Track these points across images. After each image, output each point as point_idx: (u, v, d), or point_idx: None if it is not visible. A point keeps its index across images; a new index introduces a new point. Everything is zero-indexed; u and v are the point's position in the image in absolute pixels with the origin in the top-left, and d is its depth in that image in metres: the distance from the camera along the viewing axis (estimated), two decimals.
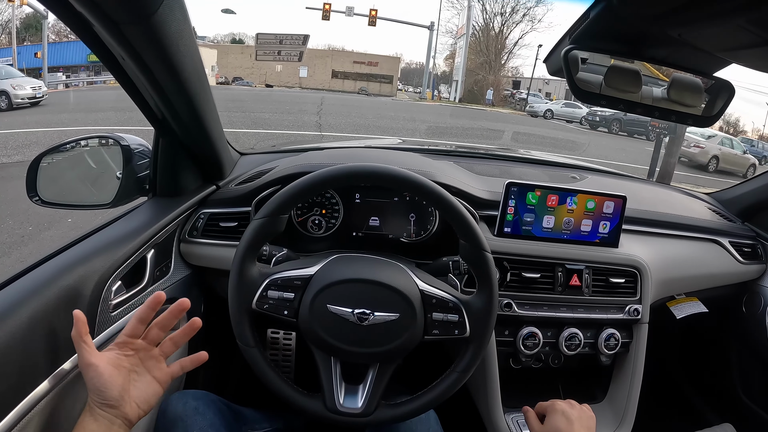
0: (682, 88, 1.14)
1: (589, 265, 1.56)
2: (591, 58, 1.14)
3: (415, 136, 13.04)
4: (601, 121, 20.44)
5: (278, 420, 1.39)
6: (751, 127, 39.30)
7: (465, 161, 1.94)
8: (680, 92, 1.15)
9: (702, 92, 1.15)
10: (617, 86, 1.14)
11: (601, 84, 1.14)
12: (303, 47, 15.97)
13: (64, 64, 20.42)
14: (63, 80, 19.12)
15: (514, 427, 1.50)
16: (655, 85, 1.18)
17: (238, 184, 1.58)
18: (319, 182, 1.10)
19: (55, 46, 20.17)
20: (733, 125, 38.80)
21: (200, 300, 1.60)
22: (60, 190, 1.45)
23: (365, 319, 1.07)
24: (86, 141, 1.47)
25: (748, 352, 2.14)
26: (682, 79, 1.13)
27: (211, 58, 27.90)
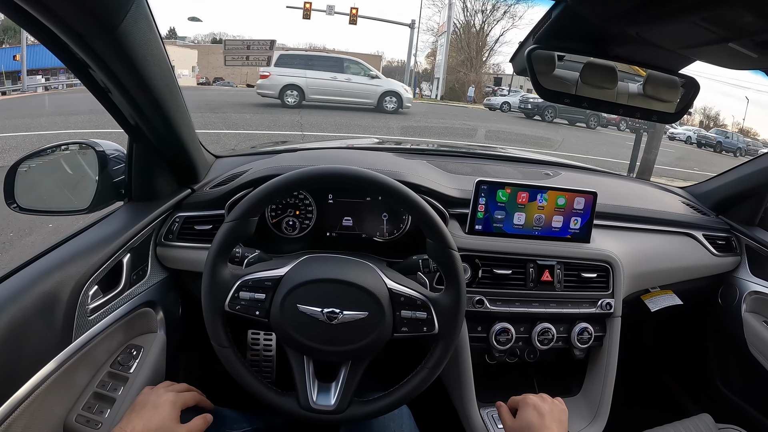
0: (658, 84, 1.18)
1: (560, 260, 1.60)
2: (568, 55, 1.17)
3: (395, 134, 13.08)
4: (534, 109, 20.35)
5: (258, 420, 1.41)
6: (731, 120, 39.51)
7: (438, 160, 1.97)
8: (656, 88, 1.18)
9: (678, 87, 1.18)
10: (593, 83, 1.17)
11: (577, 81, 1.18)
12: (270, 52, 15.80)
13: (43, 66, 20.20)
14: (42, 83, 18.95)
15: (489, 422, 1.53)
16: (631, 81, 1.22)
17: (212, 187, 1.60)
18: (287, 185, 1.13)
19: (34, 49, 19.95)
20: (713, 119, 39.03)
21: (178, 302, 1.62)
22: (38, 196, 1.47)
23: (334, 318, 1.10)
24: (63, 147, 1.48)
25: (725, 343, 2.19)
26: (657, 74, 1.16)
27: (191, 59, 27.72)
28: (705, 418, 1.67)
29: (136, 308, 1.39)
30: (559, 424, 1.16)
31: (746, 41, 0.80)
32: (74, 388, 1.18)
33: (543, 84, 1.13)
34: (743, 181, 2.04)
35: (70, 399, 1.16)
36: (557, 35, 1.06)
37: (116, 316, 1.30)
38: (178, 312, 1.63)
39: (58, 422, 1.12)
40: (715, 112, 40.49)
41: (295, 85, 15.28)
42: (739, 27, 0.77)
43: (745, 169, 2.03)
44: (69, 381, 1.14)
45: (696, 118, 37.33)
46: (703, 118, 39.58)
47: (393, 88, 16.99)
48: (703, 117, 39.76)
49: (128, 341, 1.37)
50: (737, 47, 0.82)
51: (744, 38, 0.79)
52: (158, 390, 1.17)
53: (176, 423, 1.10)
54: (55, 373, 1.07)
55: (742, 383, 2.14)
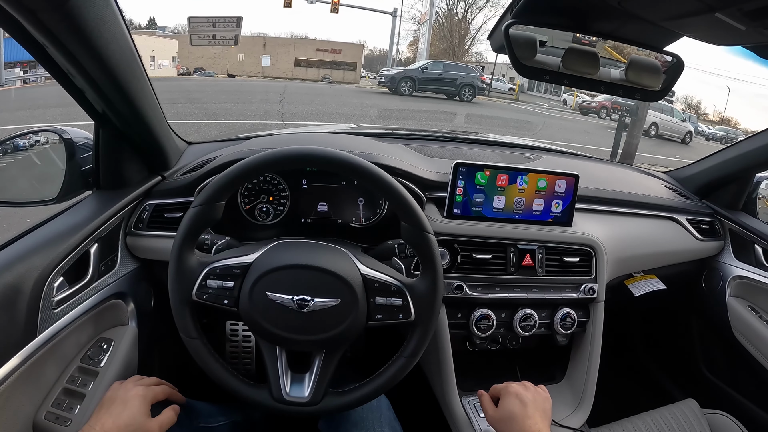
0: (640, 69, 1.16)
1: (541, 244, 1.58)
2: (550, 40, 1.15)
3: (378, 122, 13.07)
4: (388, 82, 20.11)
5: (235, 413, 1.38)
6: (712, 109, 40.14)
7: (417, 144, 1.95)
8: (638, 74, 1.17)
9: (660, 73, 1.17)
10: (575, 68, 1.16)
11: (558, 66, 1.16)
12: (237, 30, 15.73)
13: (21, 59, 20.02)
14: (20, 76, 18.76)
15: (470, 411, 1.51)
16: (613, 68, 1.20)
17: (183, 173, 1.57)
18: (252, 167, 1.09)
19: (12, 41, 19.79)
20: (695, 108, 39.59)
21: (150, 293, 1.59)
22: (3, 186, 1.43)
23: (305, 306, 1.07)
24: (28, 136, 1.44)
25: (709, 328, 2.20)
26: (639, 60, 1.15)
27: (171, 48, 27.53)
28: (690, 404, 1.67)
29: (106, 300, 1.35)
30: (542, 413, 1.14)
31: (733, 11, 0.79)
32: (42, 384, 1.14)
33: (522, 60, 1.12)
34: (726, 165, 2.03)
35: (38, 395, 1.13)
36: (536, 9, 1.05)
37: (84, 308, 1.27)
38: (150, 303, 1.59)
39: (26, 420, 1.09)
40: (697, 101, 41.02)
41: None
42: None
43: (728, 153, 2.03)
44: (36, 377, 1.11)
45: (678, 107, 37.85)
46: (685, 106, 40.10)
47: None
48: (685, 106, 40.29)
49: (98, 334, 1.33)
50: (724, 17, 0.81)
51: (731, 7, 0.78)
52: (127, 385, 1.14)
53: (146, 417, 1.07)
54: (19, 368, 1.04)
55: (727, 368, 2.15)
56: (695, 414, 1.64)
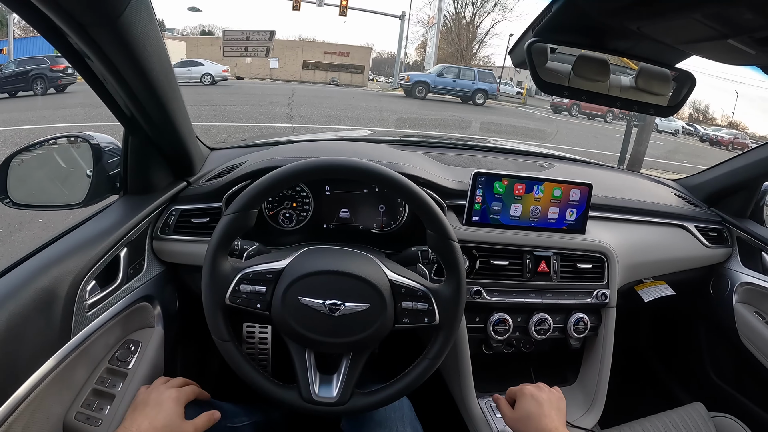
0: (650, 77, 1.18)
1: (556, 251, 1.61)
2: (560, 48, 1.18)
3: (386, 126, 13.09)
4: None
5: (257, 413, 1.41)
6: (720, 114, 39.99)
7: (434, 151, 1.97)
8: (648, 81, 1.19)
9: (669, 81, 1.18)
10: (585, 75, 1.17)
11: (569, 74, 1.17)
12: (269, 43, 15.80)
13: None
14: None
15: (487, 412, 1.54)
16: (623, 74, 1.22)
17: (208, 179, 1.59)
18: (287, 177, 1.12)
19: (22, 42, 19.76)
20: (703, 112, 39.44)
21: (175, 296, 1.61)
22: (30, 191, 1.45)
23: (336, 310, 1.10)
24: (55, 140, 1.47)
25: (716, 333, 2.22)
26: (649, 68, 1.17)
27: (180, 51, 27.56)
28: (698, 407, 1.69)
29: (134, 303, 1.37)
30: (557, 411, 1.17)
31: (745, 38, 0.81)
32: (73, 385, 1.16)
33: (542, 77, 1.14)
34: (735, 174, 2.06)
35: (69, 396, 1.15)
36: (557, 29, 1.06)
37: (114, 311, 1.29)
38: (175, 306, 1.62)
39: (57, 420, 1.10)
40: (705, 105, 40.87)
41: None
42: (739, 24, 0.78)
43: (737, 162, 2.06)
44: (68, 378, 1.13)
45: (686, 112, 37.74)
46: (693, 111, 39.97)
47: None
48: (693, 110, 40.16)
49: (126, 336, 1.35)
50: (736, 44, 0.83)
51: (743, 35, 0.80)
52: (158, 388, 1.16)
53: (182, 419, 1.10)
54: (54, 370, 1.06)
55: (734, 373, 2.17)
56: (702, 417, 1.66)
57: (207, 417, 1.15)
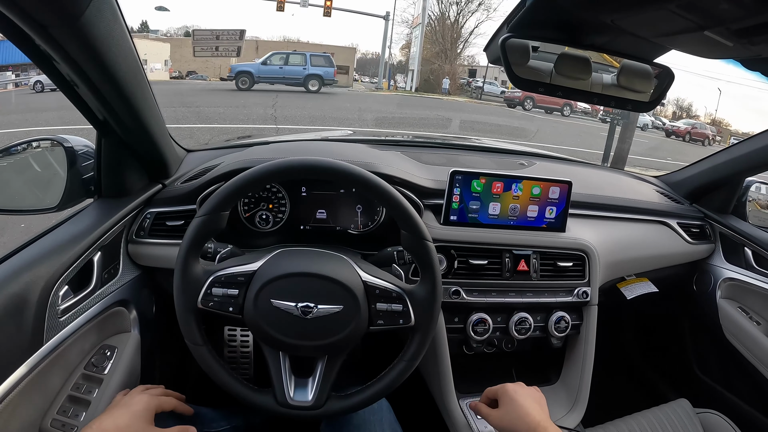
0: (632, 74, 1.19)
1: (536, 250, 1.61)
2: (542, 46, 1.18)
3: (370, 126, 13.14)
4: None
5: (237, 418, 1.40)
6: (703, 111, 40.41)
7: (413, 151, 1.97)
8: (630, 78, 1.19)
9: (651, 78, 1.19)
10: (567, 73, 1.17)
11: (551, 72, 1.18)
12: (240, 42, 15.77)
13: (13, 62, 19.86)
14: (12, 79, 18.66)
15: (468, 413, 1.54)
16: (605, 72, 1.22)
17: (183, 182, 1.58)
18: (257, 178, 1.12)
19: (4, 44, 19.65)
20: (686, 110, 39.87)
21: (151, 300, 1.61)
22: (5, 195, 1.44)
23: (309, 313, 1.09)
24: (29, 144, 1.46)
25: (701, 329, 2.24)
26: (631, 65, 1.17)
27: (164, 52, 27.49)
28: (683, 403, 1.70)
29: (109, 308, 1.36)
30: (540, 407, 1.16)
31: (722, 30, 0.80)
32: (48, 392, 1.15)
33: (517, 73, 1.14)
34: (716, 170, 2.07)
35: (44, 403, 1.14)
36: (531, 24, 1.06)
37: (88, 316, 1.28)
38: (151, 310, 1.61)
39: (32, 427, 1.10)
40: (688, 103, 41.30)
41: None
42: (714, 15, 0.77)
43: (718, 158, 2.07)
44: (42, 385, 1.12)
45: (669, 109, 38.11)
46: (676, 108, 40.37)
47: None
48: (676, 108, 40.56)
49: (102, 342, 1.35)
50: (713, 36, 0.83)
51: (720, 26, 0.79)
52: (132, 392, 1.16)
53: (148, 425, 1.08)
54: (27, 377, 1.05)
55: (719, 368, 2.18)
56: (688, 414, 1.67)
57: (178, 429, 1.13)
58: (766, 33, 0.78)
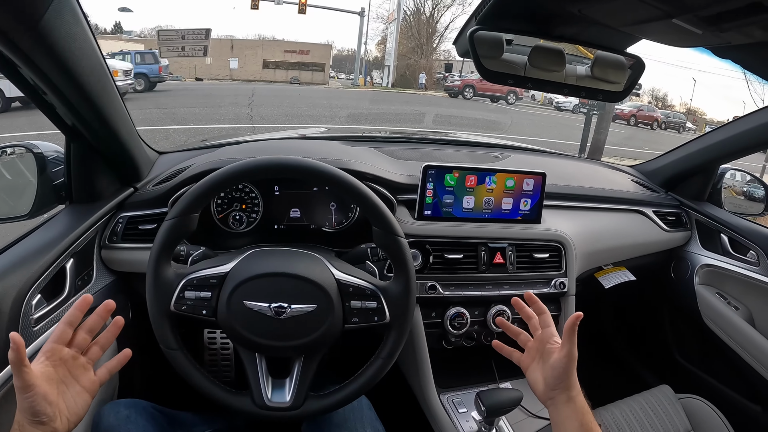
0: (605, 66, 1.20)
1: (511, 242, 1.63)
2: (516, 38, 1.19)
3: (345, 123, 13.28)
4: None
5: (219, 421, 1.40)
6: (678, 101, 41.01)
7: (387, 146, 1.97)
8: (603, 69, 1.20)
9: (625, 69, 1.20)
10: (542, 66, 1.18)
11: (525, 65, 1.19)
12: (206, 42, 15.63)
13: None
14: None
15: (450, 408, 1.54)
16: (579, 64, 1.24)
17: (155, 184, 1.57)
18: (225, 179, 1.11)
19: None
20: (662, 100, 40.40)
21: (127, 306, 1.59)
22: None
23: (282, 313, 1.09)
24: (2, 151, 1.45)
25: (680, 316, 2.27)
26: (604, 56, 1.18)
27: None
28: (664, 389, 1.73)
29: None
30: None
31: (690, 17, 0.80)
32: None
33: (486, 65, 1.14)
34: (691, 158, 2.10)
35: None
36: (499, 15, 1.06)
37: None
38: (128, 316, 1.59)
39: None
40: (663, 93, 41.84)
41: None
42: (681, 2, 0.78)
43: (693, 146, 2.10)
44: None
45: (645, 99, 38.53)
46: (652, 99, 40.86)
47: None
48: (652, 98, 41.06)
49: None
50: (681, 23, 0.83)
51: (687, 14, 0.80)
52: None
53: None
54: (2, 388, 1.04)
55: (699, 354, 2.22)
56: (670, 399, 1.69)
57: (116, 361, 1.03)
58: (734, 20, 0.78)
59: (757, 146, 1.88)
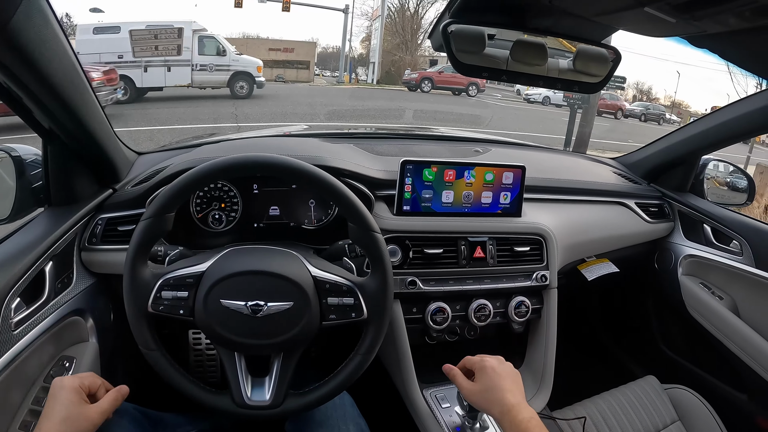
0: (588, 59, 1.21)
1: (492, 236, 1.63)
2: (498, 34, 1.19)
3: (329, 120, 13.20)
4: None
5: (203, 422, 1.40)
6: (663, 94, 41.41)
7: (366, 143, 1.97)
8: (586, 63, 1.21)
9: (608, 61, 1.21)
10: (524, 60, 1.19)
11: (507, 59, 1.20)
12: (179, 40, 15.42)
13: None
14: None
15: (432, 403, 1.55)
16: (561, 57, 1.25)
17: (134, 185, 1.57)
18: (199, 177, 1.12)
19: None
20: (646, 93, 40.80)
21: (109, 308, 1.59)
22: None
23: (259, 311, 1.09)
24: None
25: (664, 307, 2.29)
26: (587, 50, 1.20)
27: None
28: (650, 380, 1.75)
29: (64, 318, 1.35)
30: (518, 387, 1.17)
31: (662, 5, 0.80)
32: (8, 408, 1.14)
33: (459, 59, 1.15)
34: (673, 149, 2.12)
35: (4, 419, 1.12)
36: (473, 8, 1.06)
37: (43, 327, 1.26)
38: (109, 318, 1.59)
39: None
40: (648, 86, 42.25)
41: None
42: None
43: (674, 137, 2.12)
44: (2, 400, 1.11)
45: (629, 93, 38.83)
46: (636, 92, 41.23)
47: None
48: (636, 91, 41.43)
49: (60, 353, 1.33)
50: (654, 12, 0.83)
51: (659, 2, 0.79)
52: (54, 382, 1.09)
53: (83, 405, 1.03)
54: None
55: (684, 344, 2.24)
56: (656, 390, 1.71)
57: (111, 395, 1.09)
58: (706, 7, 0.78)
59: (738, 136, 1.89)
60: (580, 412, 1.61)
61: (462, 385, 1.22)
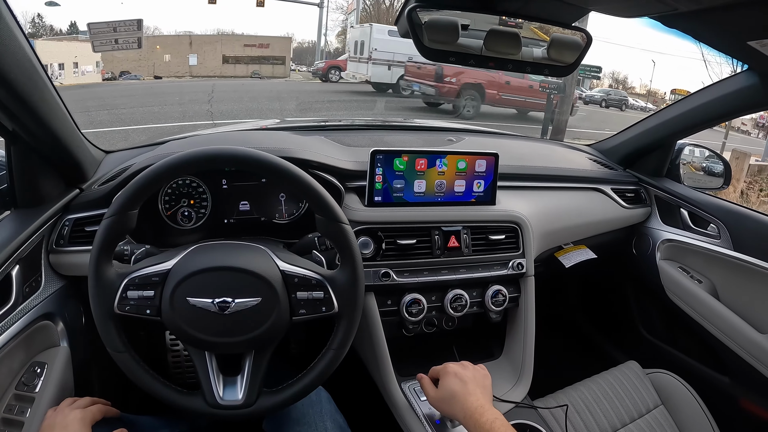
0: (562, 47, 1.21)
1: (466, 225, 1.63)
2: (472, 23, 1.19)
3: (308, 114, 13.29)
4: None
5: (181, 423, 1.39)
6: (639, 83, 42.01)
7: (337, 134, 1.96)
8: (560, 51, 1.22)
9: (581, 48, 1.22)
10: (497, 49, 1.19)
11: (481, 48, 1.20)
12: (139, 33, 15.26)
13: None
14: None
15: (411, 396, 1.54)
16: (536, 46, 1.25)
17: (101, 184, 1.55)
18: (160, 173, 1.10)
19: None
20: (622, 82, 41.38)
21: (80, 311, 1.56)
22: None
23: (227, 308, 1.08)
24: None
25: (643, 291, 2.32)
26: (561, 38, 1.20)
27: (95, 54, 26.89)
28: (632, 365, 1.76)
29: (33, 322, 1.32)
30: (483, 389, 1.19)
31: None
32: None
33: (425, 43, 1.14)
34: (648, 134, 2.14)
35: None
36: None
37: (12, 333, 1.24)
38: (81, 321, 1.57)
39: None
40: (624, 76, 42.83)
41: None
42: None
43: (650, 122, 2.13)
44: None
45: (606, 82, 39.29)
46: (612, 81, 41.78)
47: None
48: (612, 80, 42.01)
49: (31, 359, 1.31)
50: None
51: None
52: (63, 410, 1.14)
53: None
54: None
55: (664, 328, 2.26)
56: (637, 374, 1.73)
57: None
58: None
59: (712, 120, 1.91)
60: (562, 399, 1.61)
61: (427, 393, 1.26)
